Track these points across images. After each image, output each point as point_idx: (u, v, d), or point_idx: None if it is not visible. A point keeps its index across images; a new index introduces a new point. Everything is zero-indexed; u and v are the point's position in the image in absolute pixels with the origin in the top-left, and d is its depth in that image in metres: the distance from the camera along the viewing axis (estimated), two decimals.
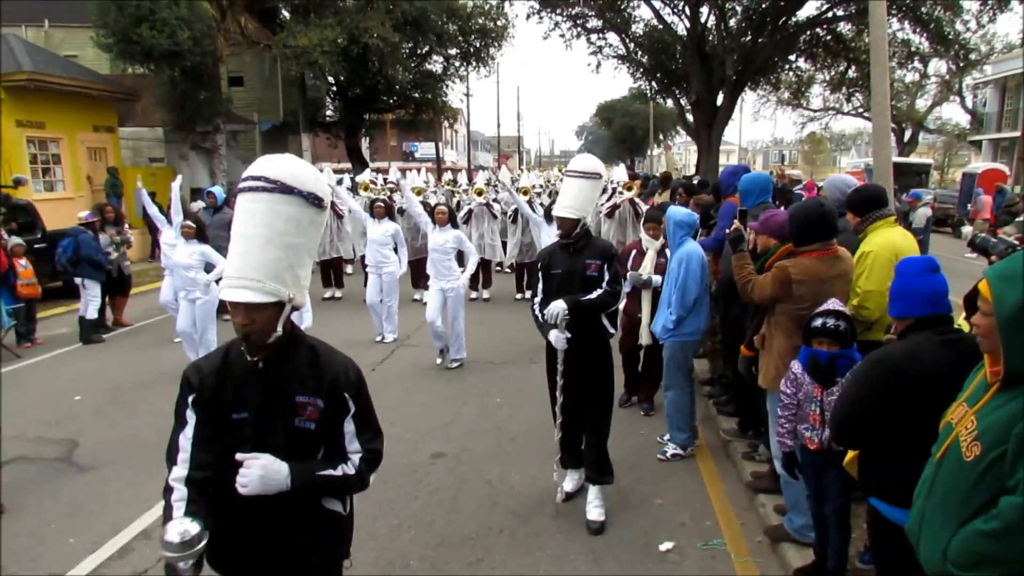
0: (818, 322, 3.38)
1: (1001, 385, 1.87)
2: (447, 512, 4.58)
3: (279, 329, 2.08)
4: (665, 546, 4.12)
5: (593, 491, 4.48)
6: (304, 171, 2.11)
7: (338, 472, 2.16)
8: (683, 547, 4.13)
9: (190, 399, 2.16)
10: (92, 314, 9.26)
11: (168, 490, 2.11)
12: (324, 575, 2.33)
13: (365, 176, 14.51)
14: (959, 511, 1.90)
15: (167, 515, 2.05)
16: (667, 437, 5.49)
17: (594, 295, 4.29)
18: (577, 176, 4.45)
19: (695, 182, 10.08)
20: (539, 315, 4.44)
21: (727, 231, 4.41)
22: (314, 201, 2.10)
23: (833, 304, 3.43)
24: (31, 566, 3.95)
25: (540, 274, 4.58)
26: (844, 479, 3.26)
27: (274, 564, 2.19)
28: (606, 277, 4.35)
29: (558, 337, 4.24)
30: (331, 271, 12.24)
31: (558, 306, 4.20)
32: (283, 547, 2.18)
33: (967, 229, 12.66)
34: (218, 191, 11.51)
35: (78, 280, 9.12)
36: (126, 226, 11.44)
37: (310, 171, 2.14)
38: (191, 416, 2.15)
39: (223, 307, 9.71)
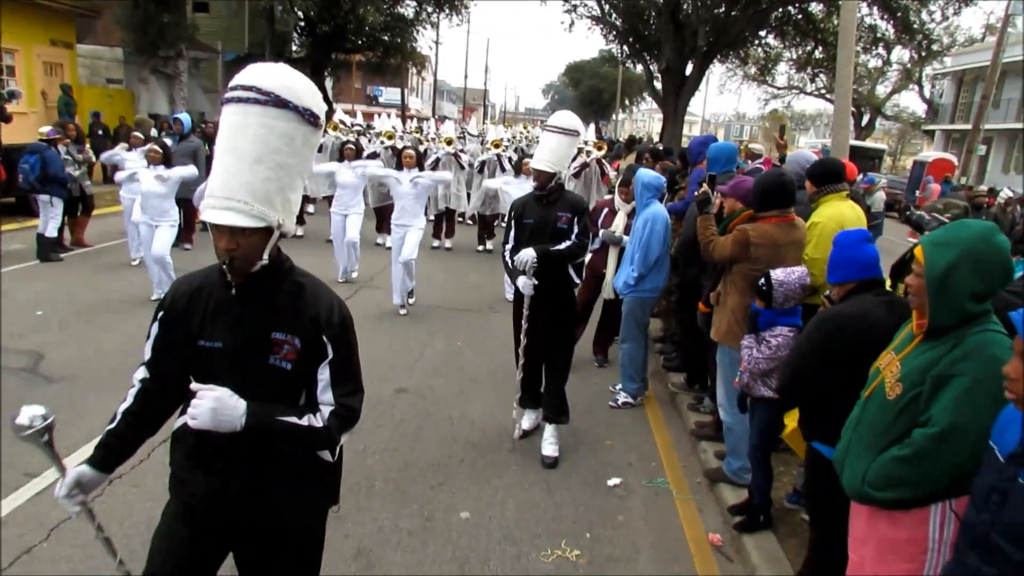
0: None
1: (924, 336, 2.18)
2: (411, 441, 4.85)
3: (265, 257, 1.91)
4: (613, 481, 4.47)
5: (549, 429, 4.76)
6: (301, 84, 1.90)
7: (303, 422, 1.97)
8: (629, 483, 4.49)
9: (159, 315, 2.06)
10: (52, 232, 9.16)
11: (130, 384, 2.10)
12: (303, 528, 2.16)
13: (335, 118, 14.43)
14: (878, 442, 2.23)
15: (46, 413, 2.01)
16: (619, 386, 5.82)
17: (563, 246, 4.52)
18: (557, 132, 4.64)
19: (660, 148, 10.35)
20: (509, 261, 4.67)
21: (696, 193, 4.69)
22: (310, 118, 1.90)
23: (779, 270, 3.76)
24: (8, 474, 4.08)
25: (512, 223, 4.77)
26: (762, 423, 3.67)
27: (242, 512, 2.04)
28: (575, 230, 4.58)
29: (525, 283, 4.48)
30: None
31: (527, 254, 4.44)
32: (249, 495, 2.02)
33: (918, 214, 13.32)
34: (185, 118, 11.36)
35: (44, 197, 8.98)
36: (87, 145, 11.25)
37: (307, 84, 1.92)
38: (154, 329, 2.06)
39: (182, 236, 9.89)
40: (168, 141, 10.18)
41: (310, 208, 13.34)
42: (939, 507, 2.11)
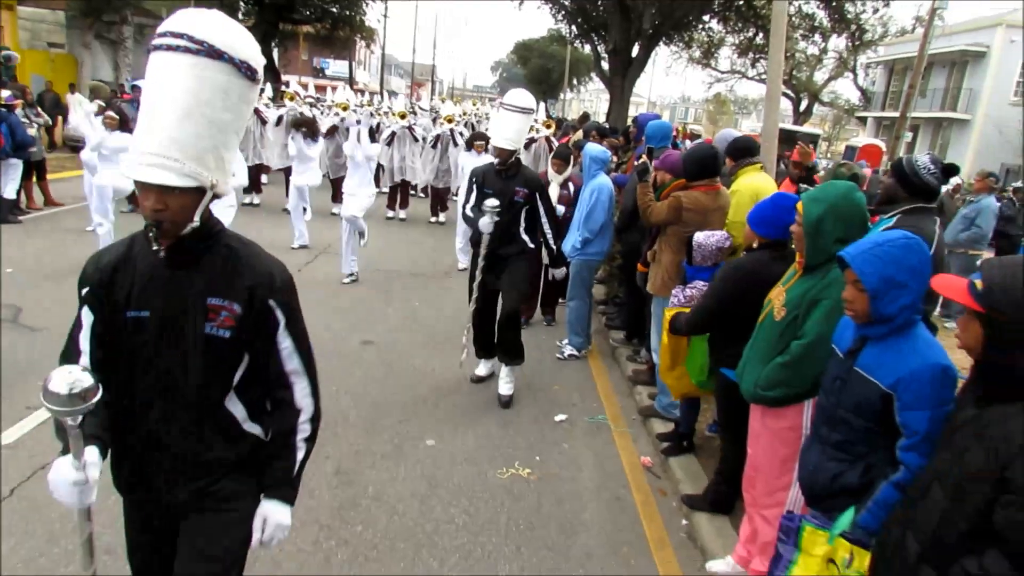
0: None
1: (803, 272, 2.82)
2: (379, 385, 5.38)
3: (196, 219, 1.76)
4: (559, 417, 5.09)
5: (504, 371, 5.28)
6: (237, 34, 1.74)
7: (300, 446, 1.99)
8: (573, 419, 5.11)
9: (83, 292, 1.88)
10: (10, 194, 9.30)
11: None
12: (247, 509, 1.98)
13: (291, 88, 14.60)
14: (768, 355, 2.87)
15: (96, 384, 1.67)
16: (566, 341, 6.44)
17: (552, 243, 5.34)
18: (515, 111, 5.06)
19: (607, 127, 10.98)
20: (469, 214, 5.16)
21: (635, 164, 5.30)
22: (247, 72, 1.75)
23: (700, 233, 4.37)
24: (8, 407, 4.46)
25: (474, 188, 5.20)
26: None
27: (183, 491, 1.92)
28: (540, 211, 5.16)
29: (486, 223, 4.83)
30: (252, 177, 12.48)
31: (492, 201, 4.85)
32: (192, 472, 1.91)
33: None
34: (142, 83, 11.48)
35: (13, 161, 9.09)
36: (39, 109, 11.32)
37: (244, 35, 1.76)
38: (86, 314, 1.88)
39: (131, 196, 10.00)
40: (126, 108, 10.36)
41: (264, 178, 13.56)
42: (810, 402, 2.76)
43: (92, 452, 1.68)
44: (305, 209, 9.53)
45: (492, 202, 4.85)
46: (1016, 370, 1.68)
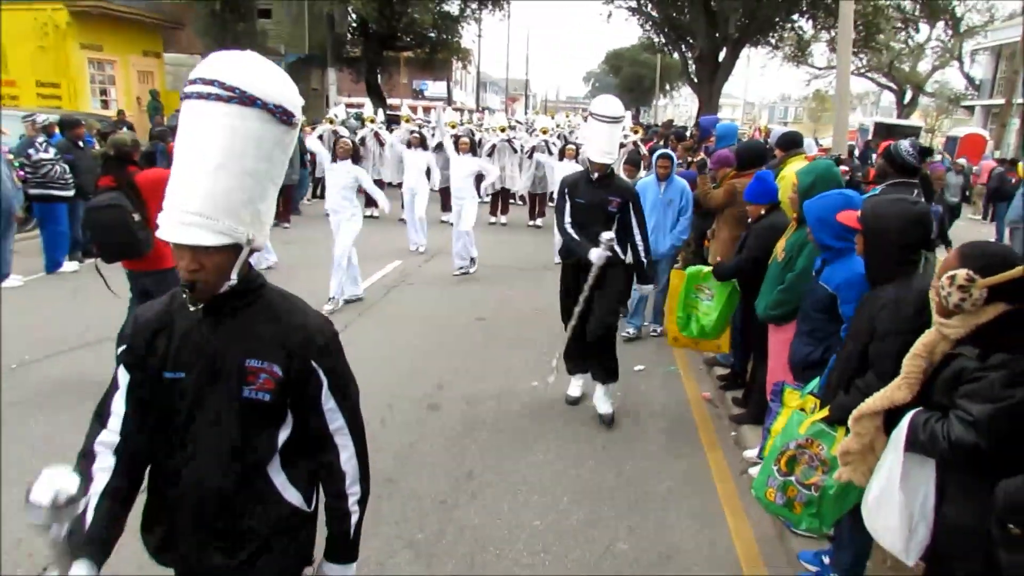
0: None
1: (796, 226, 3.92)
2: (492, 346, 6.70)
3: (233, 277, 1.69)
4: (638, 367, 6.25)
5: (601, 389, 5.20)
6: (271, 76, 1.66)
7: (352, 511, 1.90)
8: (650, 369, 6.28)
9: (120, 351, 1.82)
10: None
11: (88, 456, 1.78)
12: None
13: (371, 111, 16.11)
14: (773, 286, 3.99)
15: (84, 486, 1.60)
16: (650, 322, 7.51)
17: (642, 251, 4.97)
18: (607, 121, 4.90)
19: (687, 132, 12.06)
20: (573, 235, 4.94)
21: (696, 160, 6.43)
22: (283, 116, 1.66)
23: None
24: None
25: (567, 197, 5.03)
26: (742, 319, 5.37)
27: (215, 558, 1.80)
28: (634, 226, 4.92)
29: (600, 255, 4.67)
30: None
31: (608, 234, 4.68)
32: (225, 545, 1.80)
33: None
34: None
35: None
36: None
37: (278, 76, 1.68)
38: (123, 374, 1.81)
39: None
40: None
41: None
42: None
43: (81, 567, 1.57)
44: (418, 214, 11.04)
45: (608, 235, 4.67)
46: (878, 264, 2.77)
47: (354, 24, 30.84)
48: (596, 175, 4.88)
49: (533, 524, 3.87)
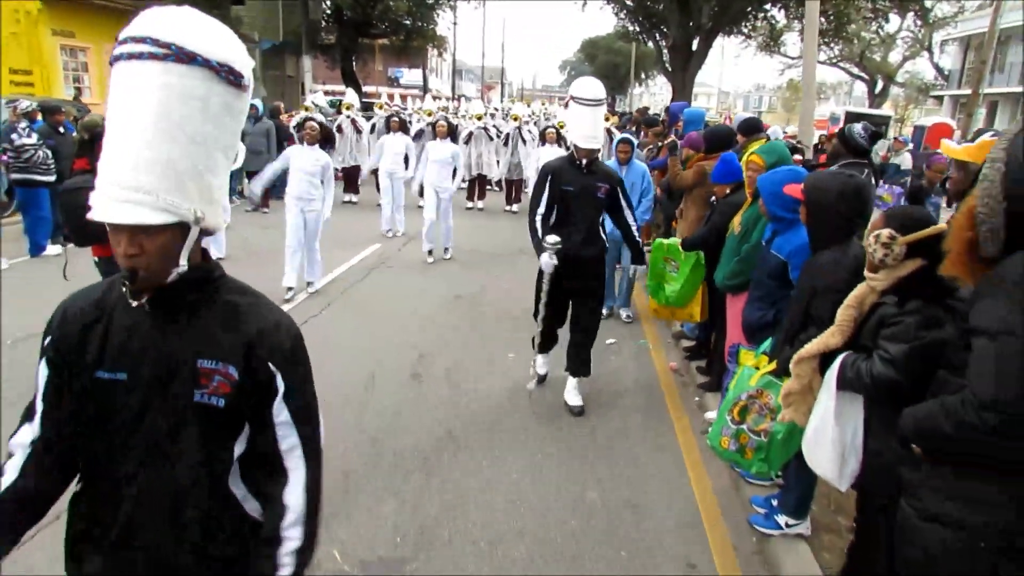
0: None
1: (751, 201, 4.24)
2: (471, 321, 6.98)
3: (182, 263, 1.47)
4: (609, 341, 6.56)
5: (572, 381, 5.15)
6: (212, 31, 1.44)
7: (282, 565, 1.54)
8: (621, 343, 6.59)
9: (45, 342, 1.59)
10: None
11: (9, 455, 1.57)
12: None
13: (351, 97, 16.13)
14: (730, 258, 4.30)
15: None
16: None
17: (637, 237, 5.06)
18: (590, 104, 4.75)
19: (659, 118, 12.39)
20: (539, 228, 4.76)
21: (667, 142, 6.74)
22: (229, 76, 1.45)
23: None
24: None
25: (548, 187, 4.82)
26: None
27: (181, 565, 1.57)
28: (624, 206, 4.91)
29: (547, 262, 4.65)
30: (348, 178, 14.37)
31: (553, 238, 4.61)
32: (174, 565, 1.56)
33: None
34: (258, 102, 13.41)
35: None
36: None
37: (221, 32, 1.47)
38: (42, 369, 1.59)
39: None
40: (247, 125, 12.29)
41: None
42: None
43: None
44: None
45: (553, 238, 4.61)
46: (818, 231, 3.08)
47: (328, 11, 30.83)
48: (583, 161, 4.77)
49: (511, 477, 4.17)
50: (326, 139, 7.68)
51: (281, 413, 1.57)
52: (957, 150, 2.99)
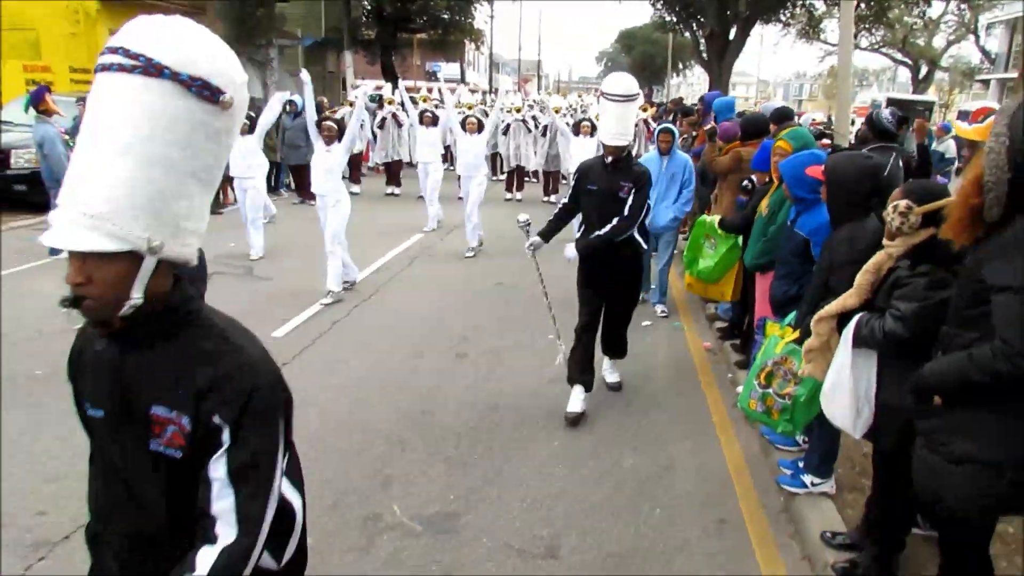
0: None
1: (777, 185, 4.46)
2: (506, 305, 7.29)
3: (134, 296, 1.34)
4: (646, 323, 6.82)
5: (608, 362, 5.37)
6: (192, 41, 1.32)
7: None
8: (656, 325, 6.85)
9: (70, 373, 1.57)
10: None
11: None
12: None
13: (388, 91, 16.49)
14: (759, 238, 4.54)
15: None
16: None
17: (605, 230, 4.58)
18: (620, 100, 4.60)
19: (693, 108, 12.53)
20: (555, 216, 5.04)
21: (706, 129, 6.96)
22: (201, 91, 1.32)
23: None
24: None
25: (575, 184, 4.91)
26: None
27: None
28: (629, 202, 4.59)
29: (570, 251, 4.83)
30: (391, 172, 14.80)
31: (570, 252, 4.80)
32: None
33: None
34: (297, 99, 13.74)
35: None
36: None
37: (202, 41, 1.34)
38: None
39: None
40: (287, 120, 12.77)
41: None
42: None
43: None
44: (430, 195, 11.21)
45: (523, 216, 4.90)
46: (838, 208, 3.32)
47: (368, 7, 31.33)
48: (610, 159, 4.63)
49: (552, 445, 4.48)
50: (341, 133, 7.30)
51: (218, 469, 1.38)
52: (968, 130, 3.19)
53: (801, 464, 3.89)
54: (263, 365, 1.47)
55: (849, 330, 2.83)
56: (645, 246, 4.95)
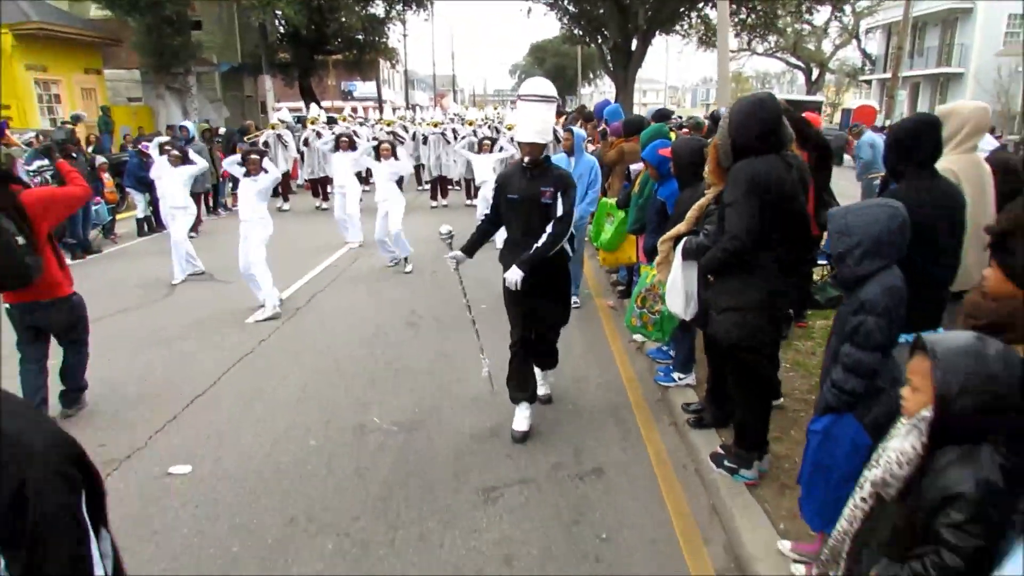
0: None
1: (644, 169, 5.81)
2: (441, 289, 8.45)
3: None
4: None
5: (540, 374, 5.14)
6: None
7: None
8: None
9: None
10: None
11: None
12: None
13: (315, 112, 17.41)
14: (633, 209, 5.88)
15: None
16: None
17: (540, 243, 4.38)
18: (537, 100, 4.42)
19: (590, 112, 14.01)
20: (476, 229, 4.90)
21: (598, 131, 8.34)
22: None
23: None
24: None
25: (495, 196, 4.74)
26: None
27: None
28: (558, 210, 4.39)
29: (512, 278, 4.45)
30: (316, 187, 15.83)
31: (515, 275, 4.42)
32: None
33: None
34: (190, 125, 13.99)
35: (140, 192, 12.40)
36: None
37: None
38: None
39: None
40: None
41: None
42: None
43: None
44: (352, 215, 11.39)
45: (445, 228, 4.85)
46: (680, 177, 4.65)
47: (284, 31, 31.98)
48: (528, 161, 4.40)
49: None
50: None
51: None
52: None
53: (671, 364, 5.23)
54: (55, 443, 1.33)
55: (679, 247, 4.13)
56: (572, 253, 4.77)
